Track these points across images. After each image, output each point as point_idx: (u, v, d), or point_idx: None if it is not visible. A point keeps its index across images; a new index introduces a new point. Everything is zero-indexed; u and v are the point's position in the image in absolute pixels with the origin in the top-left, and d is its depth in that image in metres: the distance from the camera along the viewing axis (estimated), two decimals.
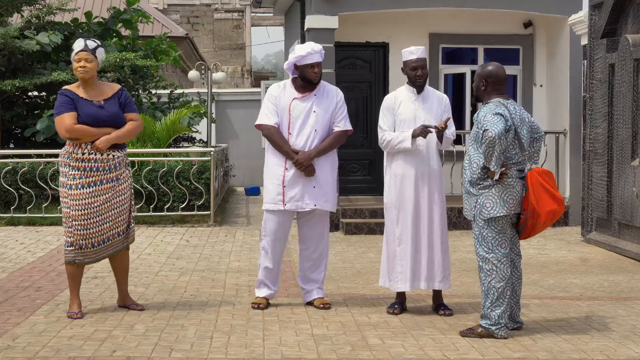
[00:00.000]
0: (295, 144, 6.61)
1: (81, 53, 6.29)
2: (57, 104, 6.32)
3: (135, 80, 16.35)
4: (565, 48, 12.88)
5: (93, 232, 6.28)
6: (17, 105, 15.13)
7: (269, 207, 6.68)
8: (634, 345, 5.65)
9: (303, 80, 6.68)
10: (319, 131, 6.65)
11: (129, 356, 5.20)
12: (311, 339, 5.72)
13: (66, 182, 6.30)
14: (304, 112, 6.65)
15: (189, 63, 27.05)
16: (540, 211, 5.76)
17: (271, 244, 6.72)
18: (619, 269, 9.01)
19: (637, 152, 9.69)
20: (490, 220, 5.82)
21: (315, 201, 6.64)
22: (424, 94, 6.67)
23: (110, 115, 6.34)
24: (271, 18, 36.43)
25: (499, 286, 5.79)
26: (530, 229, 5.89)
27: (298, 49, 6.67)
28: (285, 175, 6.62)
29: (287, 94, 6.70)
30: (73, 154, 6.27)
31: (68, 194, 6.27)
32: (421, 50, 6.67)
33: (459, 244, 10.57)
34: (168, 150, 13.58)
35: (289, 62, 6.71)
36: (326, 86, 6.80)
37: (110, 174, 6.33)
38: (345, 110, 6.85)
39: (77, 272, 6.38)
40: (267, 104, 6.74)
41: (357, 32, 13.42)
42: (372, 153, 13.44)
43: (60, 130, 6.28)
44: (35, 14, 15.10)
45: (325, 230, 6.82)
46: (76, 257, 6.30)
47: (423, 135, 6.47)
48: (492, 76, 5.95)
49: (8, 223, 11.83)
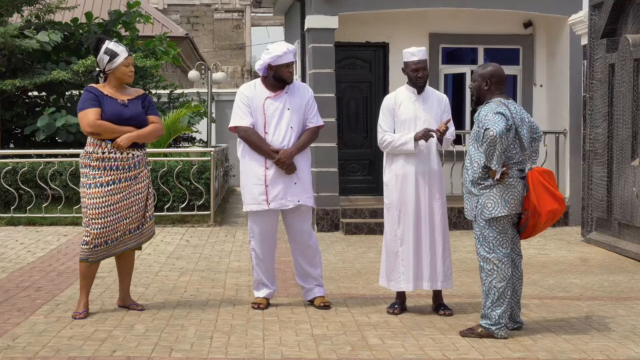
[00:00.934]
0: (272, 142, 6.62)
1: (129, 58, 6.44)
2: (82, 100, 6.40)
3: (135, 80, 16.34)
4: (565, 48, 12.88)
5: (108, 230, 6.33)
6: (17, 105, 15.14)
7: (253, 208, 6.66)
8: (634, 345, 5.65)
9: (276, 80, 6.67)
10: (294, 128, 6.67)
11: (129, 356, 5.20)
12: (311, 339, 5.72)
13: (86, 182, 6.36)
14: (278, 110, 6.65)
15: (189, 63, 27.06)
16: (541, 211, 5.77)
17: (260, 245, 6.72)
18: (619, 269, 9.01)
19: (637, 152, 9.69)
20: (491, 220, 5.82)
21: (298, 197, 6.66)
22: (424, 94, 6.68)
23: (133, 114, 6.43)
24: (271, 18, 36.45)
25: (499, 286, 5.79)
26: (532, 229, 5.90)
27: (273, 48, 6.65)
28: (266, 175, 6.61)
29: (259, 94, 6.70)
30: (93, 154, 6.34)
31: (87, 193, 6.33)
32: (422, 52, 6.67)
33: (459, 244, 10.57)
34: (168, 150, 13.59)
35: (263, 61, 6.66)
36: (296, 83, 6.81)
37: (129, 172, 6.41)
38: (316, 106, 6.85)
39: (90, 272, 6.39)
40: (239, 105, 6.71)
41: (357, 32, 13.42)
42: (372, 153, 13.43)
43: (83, 124, 6.35)
44: (35, 14, 15.10)
45: (310, 225, 6.84)
46: (89, 256, 6.32)
47: (425, 139, 6.49)
48: (494, 76, 5.95)
49: (8, 223, 11.83)
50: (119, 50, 6.40)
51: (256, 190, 6.63)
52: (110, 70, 6.42)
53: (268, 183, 6.61)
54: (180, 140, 16.91)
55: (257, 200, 6.64)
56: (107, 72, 6.44)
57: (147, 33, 20.83)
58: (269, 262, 6.79)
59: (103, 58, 6.40)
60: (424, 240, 6.56)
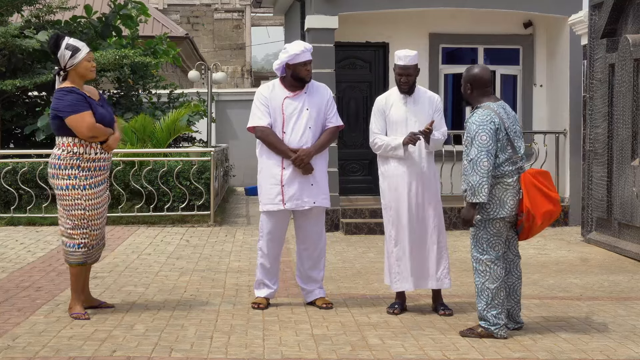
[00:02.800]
0: (290, 142, 6.61)
1: (91, 53, 6.35)
2: (72, 102, 6.19)
3: (135, 80, 16.34)
4: (565, 48, 12.88)
5: (100, 232, 6.37)
6: (17, 105, 15.14)
7: (269, 209, 6.67)
8: (634, 345, 5.65)
9: (294, 79, 6.67)
10: (312, 128, 6.66)
11: (129, 356, 5.20)
12: (311, 339, 5.72)
13: (78, 184, 6.25)
14: (296, 110, 6.65)
15: (189, 63, 27.05)
16: (535, 213, 5.74)
17: (269, 244, 6.72)
18: (619, 269, 9.01)
19: (637, 152, 9.69)
20: (487, 222, 5.81)
21: (314, 199, 6.66)
22: (414, 95, 6.67)
23: (111, 115, 6.45)
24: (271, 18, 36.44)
25: (492, 287, 5.78)
26: (528, 231, 5.88)
27: (291, 47, 6.67)
28: (283, 175, 6.62)
29: (277, 94, 6.70)
30: (84, 154, 6.25)
31: (82, 194, 6.24)
32: (410, 57, 6.60)
33: (459, 244, 10.56)
34: (168, 150, 13.58)
35: (281, 60, 6.67)
36: (314, 83, 6.81)
37: (107, 173, 6.45)
38: (335, 106, 6.86)
39: (85, 273, 6.40)
40: (257, 105, 6.72)
41: (357, 32, 13.42)
42: (372, 153, 13.35)
43: (81, 128, 6.17)
44: (35, 14, 15.10)
45: (323, 227, 6.84)
46: (87, 259, 6.32)
47: (412, 143, 6.48)
48: (476, 79, 5.91)
49: (8, 223, 11.83)
50: (80, 45, 6.30)
51: (273, 190, 6.64)
52: (72, 66, 6.25)
53: (284, 183, 6.61)
54: (180, 140, 16.89)
55: (273, 200, 6.64)
56: (68, 68, 6.25)
57: (147, 33, 20.83)
58: (275, 262, 6.79)
59: (64, 54, 6.24)
60: (418, 240, 6.57)
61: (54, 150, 6.36)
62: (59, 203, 6.32)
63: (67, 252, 6.32)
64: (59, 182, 6.28)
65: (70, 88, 6.29)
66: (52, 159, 6.32)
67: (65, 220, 6.30)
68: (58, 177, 6.28)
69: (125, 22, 15.95)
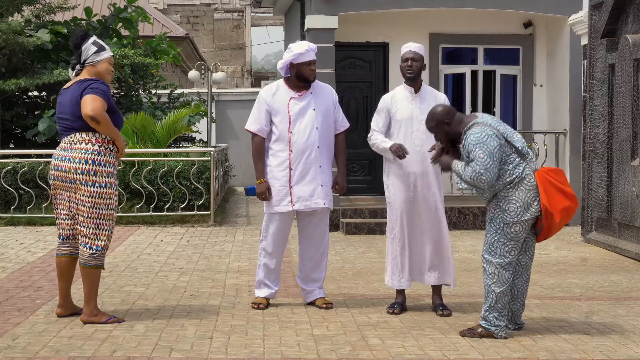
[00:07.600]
0: (296, 143, 6.60)
1: (112, 58, 6.25)
2: (100, 89, 5.92)
3: (135, 80, 16.36)
4: (565, 48, 12.89)
5: None
6: (17, 105, 15.14)
7: (278, 210, 6.65)
8: (634, 345, 5.65)
9: (298, 79, 6.66)
10: (320, 129, 6.64)
11: (129, 356, 5.20)
12: (311, 339, 5.72)
13: (113, 183, 6.02)
14: (303, 110, 6.63)
15: (189, 63, 27.06)
16: (554, 210, 5.67)
17: (273, 245, 6.71)
18: (619, 269, 9.01)
19: (637, 152, 9.69)
20: (506, 225, 5.72)
21: (324, 200, 6.65)
22: (421, 93, 6.67)
23: (122, 119, 6.38)
24: (271, 18, 36.48)
25: (498, 291, 5.77)
26: (547, 230, 5.79)
27: (295, 47, 6.67)
28: (291, 175, 6.62)
29: (282, 95, 6.67)
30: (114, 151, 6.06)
31: (115, 194, 6.05)
32: (418, 46, 6.67)
33: (459, 244, 10.56)
34: (168, 150, 13.59)
35: (285, 60, 6.66)
36: (319, 84, 6.81)
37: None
38: (340, 107, 6.87)
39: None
40: (254, 108, 6.72)
41: (357, 32, 13.43)
42: (372, 153, 13.24)
43: (90, 106, 5.81)
44: (35, 14, 15.10)
45: (326, 228, 6.85)
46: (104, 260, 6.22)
47: (396, 155, 6.46)
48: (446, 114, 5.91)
49: (8, 223, 11.83)
50: (106, 46, 6.23)
51: (280, 191, 6.62)
52: (92, 62, 6.07)
53: (292, 184, 6.61)
54: (180, 140, 16.91)
55: (281, 201, 6.62)
56: (87, 64, 6.08)
57: (147, 33, 20.84)
58: (277, 262, 6.78)
59: (90, 48, 6.09)
60: (421, 238, 6.58)
61: (82, 145, 5.95)
62: (85, 201, 5.94)
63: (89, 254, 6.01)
64: (96, 179, 5.92)
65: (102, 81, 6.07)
66: (86, 154, 5.92)
67: (92, 221, 5.97)
68: (96, 174, 5.92)
69: (125, 26, 15.96)
